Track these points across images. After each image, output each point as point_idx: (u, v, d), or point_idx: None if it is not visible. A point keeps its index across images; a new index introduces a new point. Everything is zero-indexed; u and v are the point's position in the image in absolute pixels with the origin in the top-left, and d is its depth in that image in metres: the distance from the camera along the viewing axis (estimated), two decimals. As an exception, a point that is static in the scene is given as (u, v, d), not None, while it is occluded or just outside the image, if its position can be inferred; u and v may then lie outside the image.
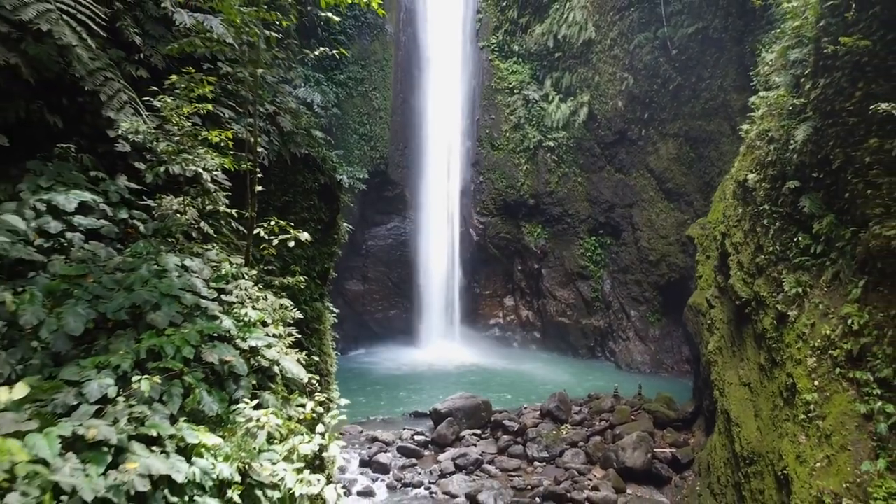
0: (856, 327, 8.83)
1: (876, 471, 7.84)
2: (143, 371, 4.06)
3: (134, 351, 4.13)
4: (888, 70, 8.59)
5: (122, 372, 3.93)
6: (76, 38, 4.96)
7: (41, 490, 3.17)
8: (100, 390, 3.72)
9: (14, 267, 4.63)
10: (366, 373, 23.13)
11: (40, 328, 4.04)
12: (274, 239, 6.05)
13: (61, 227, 5.03)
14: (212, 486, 3.86)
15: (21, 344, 4.02)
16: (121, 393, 3.81)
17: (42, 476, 3.16)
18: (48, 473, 3.18)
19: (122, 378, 3.91)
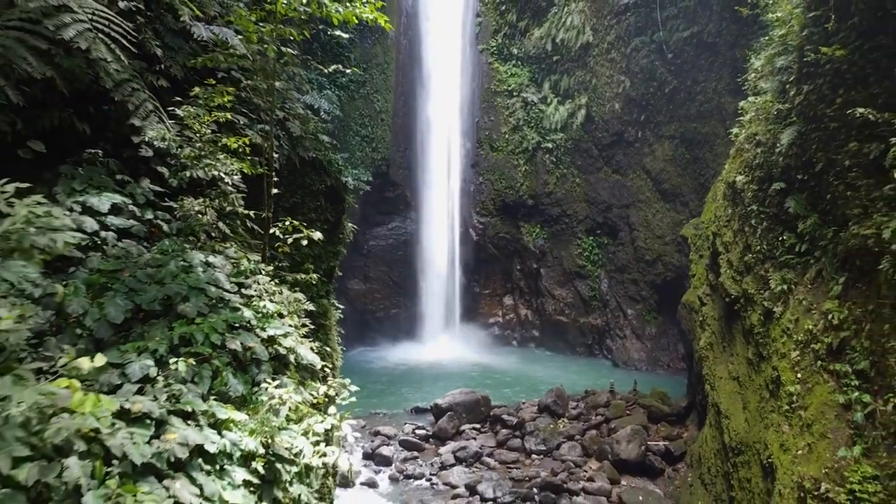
0: (836, 322, 9.28)
1: (852, 456, 8.30)
2: (176, 355, 4.53)
3: (168, 337, 4.61)
4: (866, 78, 9.05)
5: (159, 356, 4.41)
6: (110, 55, 5.43)
7: (94, 455, 3.65)
8: (141, 371, 4.20)
9: (55, 262, 5.11)
10: (368, 370, 23.60)
11: (84, 317, 4.51)
12: (289, 238, 6.54)
13: (96, 227, 5.50)
14: (239, 456, 4.34)
15: (67, 331, 4.49)
16: (159, 374, 4.29)
17: (98, 442, 3.64)
18: (102, 440, 3.66)
19: (159, 361, 4.39)
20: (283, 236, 6.56)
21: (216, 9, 8.15)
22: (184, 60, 7.72)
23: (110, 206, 5.68)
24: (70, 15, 5.26)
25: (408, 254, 28.91)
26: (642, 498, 12.52)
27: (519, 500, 13.04)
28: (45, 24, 5.21)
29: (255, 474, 4.39)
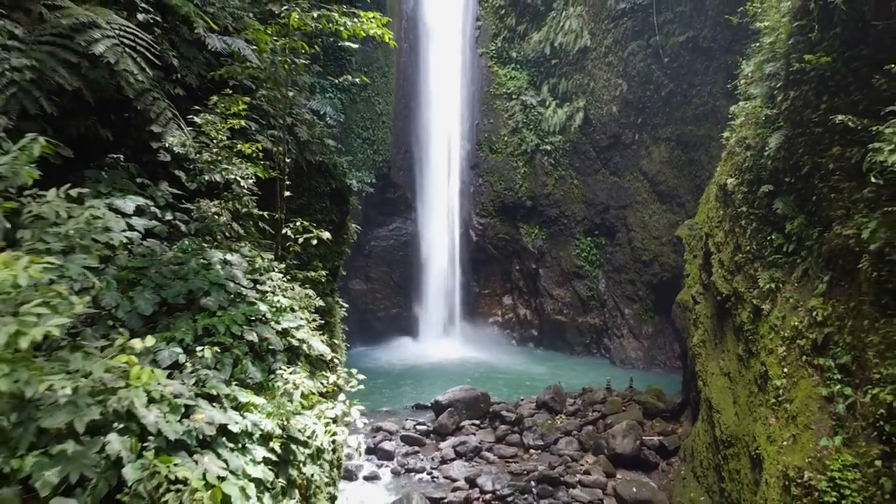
0: (820, 318, 9.69)
1: (833, 446, 8.71)
2: (200, 345, 4.96)
3: (192, 328, 5.03)
4: (847, 85, 9.48)
5: (186, 345, 4.83)
6: (136, 68, 5.84)
7: (132, 432, 4.07)
8: (170, 358, 4.62)
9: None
10: (369, 368, 23.92)
11: (116, 309, 4.93)
12: (300, 237, 6.96)
13: (123, 227, 5.92)
14: (259, 436, 4.76)
15: (101, 322, 4.90)
16: (187, 361, 4.71)
17: (135, 420, 4.05)
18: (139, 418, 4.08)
19: (186, 349, 4.82)
20: (294, 236, 6.98)
21: (228, 20, 8.56)
22: (198, 70, 8.15)
23: (135, 207, 6.09)
24: (99, 31, 5.68)
25: (408, 254, 29.33)
26: (636, 489, 12.93)
27: (517, 492, 13.45)
28: (76, 39, 5.62)
29: (273, 453, 4.81)
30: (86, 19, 5.70)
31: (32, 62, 4.95)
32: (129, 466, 3.90)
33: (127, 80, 6.66)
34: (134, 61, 5.87)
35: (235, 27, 9.08)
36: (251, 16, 9.48)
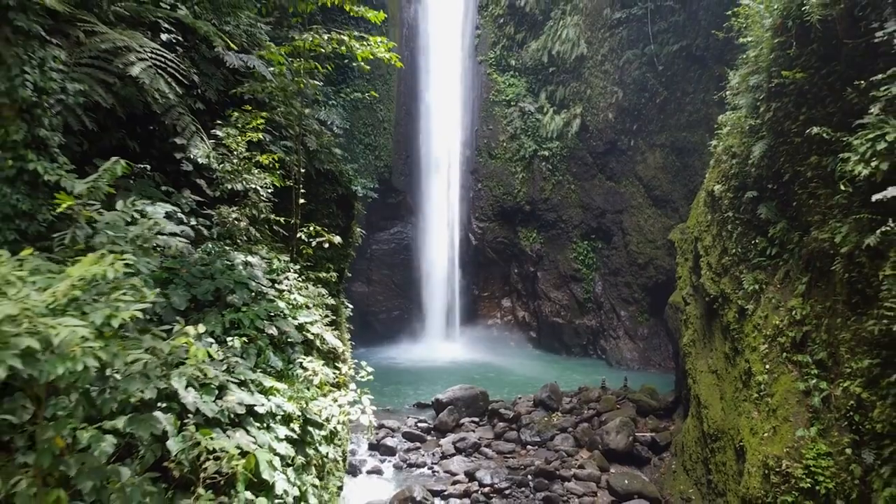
0: (799, 317, 10.30)
1: (809, 436, 9.31)
2: (228, 336, 5.56)
3: (221, 322, 5.63)
4: (823, 98, 10.08)
5: (216, 336, 5.43)
6: (167, 88, 6.46)
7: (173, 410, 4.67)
8: (204, 346, 5.21)
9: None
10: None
11: (154, 305, 5.54)
12: (313, 241, 7.57)
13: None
14: (281, 417, 5.36)
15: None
16: (219, 349, 5.31)
17: (176, 400, 4.66)
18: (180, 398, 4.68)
19: (217, 340, 5.42)
20: (308, 240, 7.59)
21: (244, 39, 9.19)
22: (217, 85, 8.78)
23: (164, 214, 6.69)
24: (134, 54, 6.30)
25: (409, 257, 29.93)
26: (627, 482, 13.50)
27: (514, 485, 14.02)
28: (114, 62, 6.23)
29: (294, 433, 5.41)
30: (121, 43, 6.31)
31: (84, 86, 5.53)
32: (173, 440, 4.50)
33: (154, 97, 7.30)
34: (165, 81, 6.48)
35: (250, 44, 9.72)
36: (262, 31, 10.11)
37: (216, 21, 9.38)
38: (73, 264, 3.21)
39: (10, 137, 4.79)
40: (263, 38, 10.25)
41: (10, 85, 4.78)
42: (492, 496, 13.71)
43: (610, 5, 26.25)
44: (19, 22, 4.88)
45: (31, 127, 4.90)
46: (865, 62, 9.06)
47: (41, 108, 5.01)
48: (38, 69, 4.95)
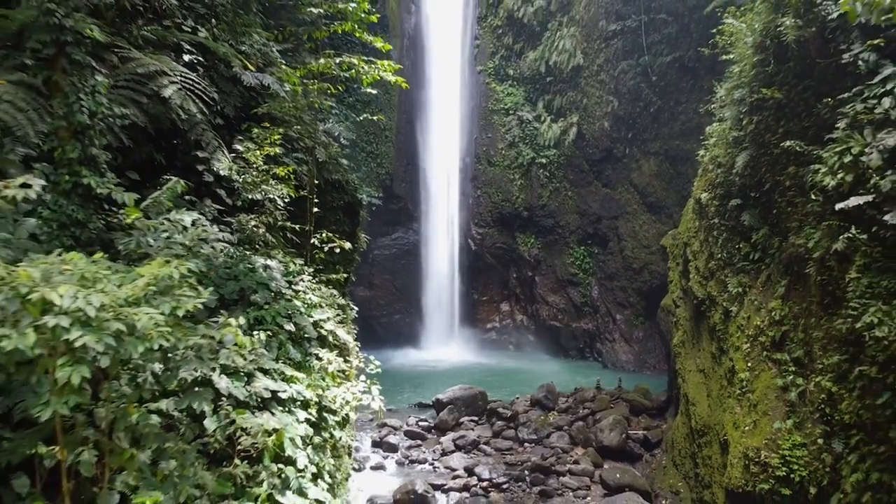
0: (778, 318, 10.97)
1: (786, 428, 9.97)
2: (253, 331, 6.24)
3: (246, 318, 6.31)
4: (800, 113, 10.78)
5: (244, 330, 6.11)
6: (195, 107, 7.15)
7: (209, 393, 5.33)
8: (232, 339, 5.89)
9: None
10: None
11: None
12: (325, 246, 8.26)
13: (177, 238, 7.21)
14: (300, 402, 6.04)
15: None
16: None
17: (210, 384, 5.32)
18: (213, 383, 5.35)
19: (245, 333, 6.09)
20: (320, 244, 8.28)
21: (258, 59, 9.89)
22: (234, 102, 9.49)
23: (191, 221, 7.38)
24: (167, 77, 6.99)
25: (410, 262, 30.63)
26: (619, 476, 14.13)
27: (512, 480, 14.66)
28: (149, 84, 6.93)
29: (312, 416, 6.09)
30: (154, 68, 7.01)
31: (127, 109, 6.23)
32: (209, 419, 5.18)
33: (179, 115, 8.00)
34: (193, 102, 7.17)
35: (265, 63, 10.44)
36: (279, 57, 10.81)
37: (233, 41, 10.09)
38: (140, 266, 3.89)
39: (66, 155, 5.46)
40: (275, 55, 10.94)
41: (68, 110, 5.46)
42: (490, 490, 14.34)
43: (605, 17, 27.00)
44: (76, 56, 5.56)
45: (84, 146, 5.58)
46: (836, 80, 9.77)
47: (93, 129, 5.69)
48: (91, 96, 5.63)
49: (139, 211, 5.19)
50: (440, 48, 31.08)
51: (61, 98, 5.47)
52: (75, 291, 3.20)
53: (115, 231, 5.80)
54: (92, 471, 4.27)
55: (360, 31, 7.79)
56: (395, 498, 13.47)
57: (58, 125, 5.44)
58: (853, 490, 8.48)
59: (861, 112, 8.55)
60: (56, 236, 5.28)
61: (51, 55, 5.42)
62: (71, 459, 4.28)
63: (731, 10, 14.14)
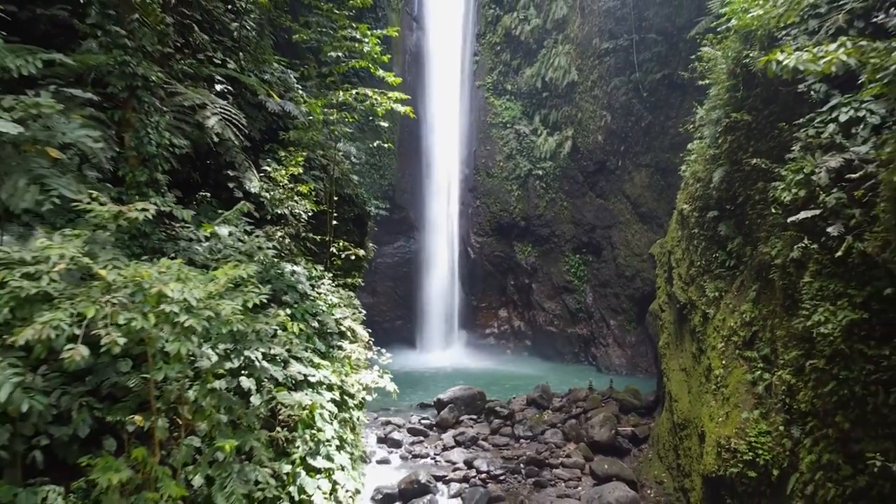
0: (748, 319, 12.08)
1: (753, 418, 11.06)
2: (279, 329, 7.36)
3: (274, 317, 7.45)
4: (766, 135, 11.95)
5: (278, 323, 7.24)
6: (232, 134, 8.32)
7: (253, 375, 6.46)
8: (271, 332, 7.03)
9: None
10: (376, 374, 26.28)
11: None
12: (342, 254, 9.41)
13: (221, 246, 8.36)
14: (326, 385, 7.17)
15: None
16: (278, 333, 7.12)
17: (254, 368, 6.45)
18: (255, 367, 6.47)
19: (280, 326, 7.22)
20: (338, 252, 9.42)
21: (281, 88, 11.07)
22: (259, 126, 10.66)
23: (228, 232, 8.53)
24: (209, 109, 8.16)
25: (411, 270, 31.78)
26: (607, 467, 15.21)
27: (508, 472, 15.75)
28: (195, 116, 8.10)
29: (336, 397, 7.22)
30: (198, 100, 8.18)
31: (181, 140, 7.39)
32: (254, 396, 6.31)
33: (213, 139, 9.16)
34: (231, 130, 8.34)
35: (284, 89, 11.62)
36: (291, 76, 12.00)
37: (256, 71, 11.28)
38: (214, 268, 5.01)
39: (136, 179, 6.59)
40: (293, 82, 12.13)
41: (138, 142, 6.59)
42: (488, 482, 15.42)
43: (598, 36, 28.28)
44: (144, 98, 6.70)
45: (150, 172, 6.71)
46: (795, 107, 10.94)
47: (158, 157, 6.83)
48: (156, 130, 6.77)
49: (213, 226, 6.34)
50: (441, 64, 32.30)
51: (132, 133, 6.62)
52: (181, 287, 4.31)
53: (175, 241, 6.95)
54: (166, 434, 5.40)
55: (374, 67, 8.98)
56: (400, 488, 14.53)
57: (129, 154, 6.58)
58: (808, 470, 9.58)
59: (812, 136, 9.71)
60: (128, 245, 6.42)
61: (124, 97, 6.57)
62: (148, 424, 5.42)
63: (709, 38, 15.34)
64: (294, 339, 7.01)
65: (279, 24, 12.00)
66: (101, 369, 5.68)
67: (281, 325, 6.29)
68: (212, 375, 5.13)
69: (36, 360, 4.20)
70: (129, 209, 4.73)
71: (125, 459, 4.70)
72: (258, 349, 5.74)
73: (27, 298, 4.01)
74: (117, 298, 4.14)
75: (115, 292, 4.17)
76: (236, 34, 10.56)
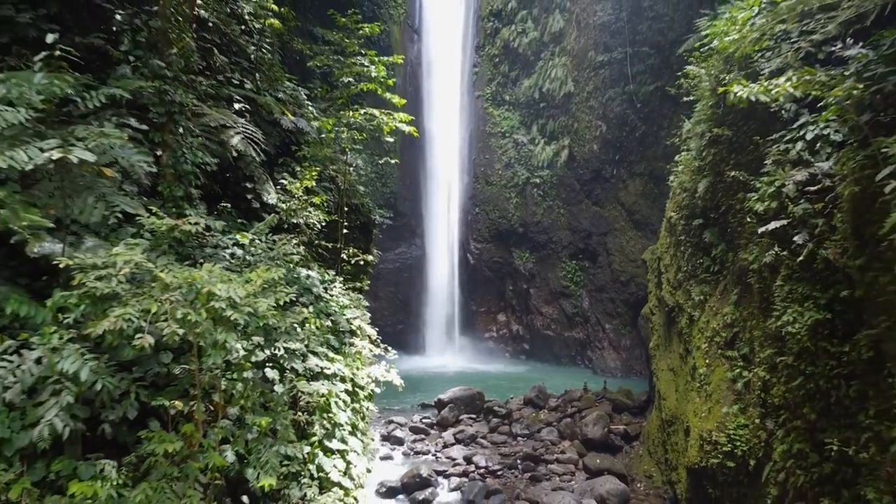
0: (730, 321, 12.91)
1: (732, 412, 11.89)
2: (303, 323, 8.21)
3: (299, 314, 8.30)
4: (744, 149, 12.80)
5: (301, 320, 8.09)
6: (253, 152, 9.18)
7: (277, 367, 7.31)
8: (297, 327, 7.87)
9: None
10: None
11: (253, 303, 8.20)
12: (352, 260, 10.26)
13: (241, 252, 9.20)
14: (340, 377, 8.01)
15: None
16: (298, 330, 7.97)
17: (278, 360, 7.30)
18: (279, 360, 7.32)
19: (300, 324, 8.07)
20: (348, 259, 10.28)
21: (294, 106, 11.95)
22: (274, 142, 11.52)
23: (249, 240, 9.38)
24: (232, 129, 9.03)
25: (413, 276, 32.64)
26: (599, 461, 16.03)
27: (505, 467, 16.55)
28: (220, 135, 8.96)
29: (349, 388, 8.06)
30: (223, 121, 9.05)
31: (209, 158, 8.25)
32: (278, 385, 7.15)
33: (232, 154, 10.02)
34: (252, 147, 9.20)
35: (296, 106, 12.49)
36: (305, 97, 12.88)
37: (271, 90, 12.16)
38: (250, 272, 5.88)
39: (173, 193, 7.44)
40: (303, 98, 13.00)
41: (175, 161, 7.45)
42: (486, 476, 16.22)
43: (594, 49, 29.21)
44: (181, 122, 7.55)
45: (185, 187, 7.56)
46: (770, 123, 11.80)
47: (192, 174, 7.68)
48: (191, 150, 7.62)
49: (247, 235, 7.20)
50: (441, 74, 33.28)
51: (170, 152, 7.48)
52: (226, 287, 5.15)
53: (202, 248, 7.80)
54: (203, 416, 6.24)
55: (382, 90, 9.84)
56: (403, 481, 15.32)
57: (166, 171, 7.43)
58: (780, 459, 10.39)
59: (782, 152, 10.58)
60: (165, 252, 7.27)
61: (163, 121, 7.42)
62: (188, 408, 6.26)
63: (696, 55, 16.23)
64: (312, 335, 7.85)
65: (291, 47, 12.94)
66: (146, 360, 6.53)
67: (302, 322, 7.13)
68: (248, 363, 5.97)
69: (107, 347, 5.03)
70: (184, 223, 5.58)
71: (175, 434, 5.54)
72: (285, 343, 6.58)
73: (100, 297, 4.85)
74: (174, 297, 4.99)
75: (172, 291, 5.02)
76: (253, 56, 11.43)
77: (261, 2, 11.05)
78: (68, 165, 5.02)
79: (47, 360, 4.86)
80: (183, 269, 5.29)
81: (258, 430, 5.72)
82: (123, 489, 5.73)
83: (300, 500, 6.42)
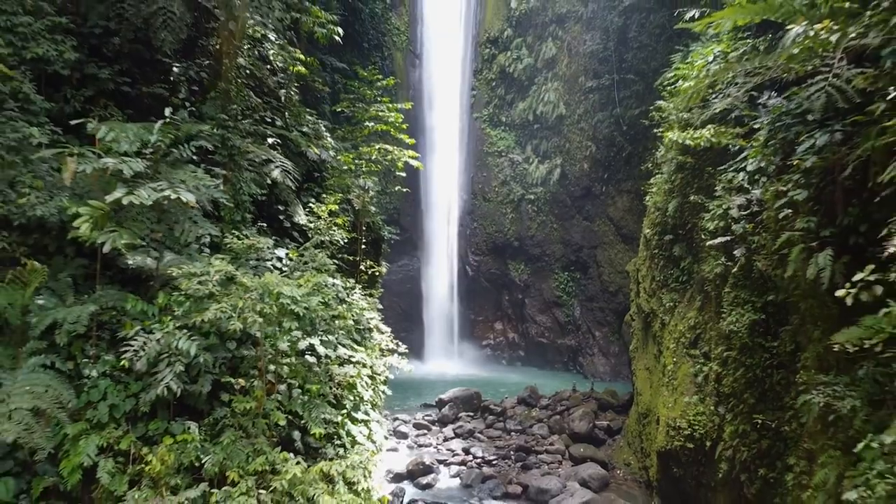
0: (693, 324, 14.87)
1: (692, 402, 13.84)
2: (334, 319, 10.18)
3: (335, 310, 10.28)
4: (703, 175, 14.83)
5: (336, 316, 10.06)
6: (290, 181, 11.19)
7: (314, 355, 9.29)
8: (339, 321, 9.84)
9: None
10: (383, 380, 29.07)
11: (292, 305, 10.19)
12: (368, 271, 12.24)
13: (279, 264, 11.19)
14: (363, 364, 9.97)
15: (285, 311, 10.15)
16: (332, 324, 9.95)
17: (315, 349, 9.28)
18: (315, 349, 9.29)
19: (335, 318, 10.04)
20: (365, 270, 12.27)
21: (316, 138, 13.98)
22: (301, 170, 13.54)
23: (284, 254, 11.37)
24: (273, 164, 11.04)
25: (414, 287, 34.61)
26: (583, 450, 17.96)
27: (500, 458, 18.46)
28: (264, 169, 10.98)
29: (370, 373, 10.03)
30: (266, 157, 11.06)
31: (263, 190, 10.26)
32: (315, 367, 9.12)
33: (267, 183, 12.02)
34: (289, 178, 11.22)
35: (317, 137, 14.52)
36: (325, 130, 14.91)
37: (296, 125, 14.19)
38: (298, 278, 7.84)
39: (233, 218, 9.42)
40: (323, 130, 15.04)
41: (234, 193, 9.43)
42: (482, 465, 18.13)
43: (584, 75, 31.39)
44: (239, 160, 9.55)
45: (242, 213, 9.53)
46: (724, 154, 13.82)
47: (247, 203, 9.67)
48: (246, 184, 9.60)
49: (295, 251, 9.19)
50: (441, 97, 35.37)
51: (230, 186, 9.48)
52: (290, 288, 7.10)
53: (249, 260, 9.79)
54: (263, 390, 8.22)
55: (396, 132, 11.85)
56: (408, 469, 17.23)
57: (228, 202, 9.44)
58: (729, 438, 12.34)
59: (728, 180, 12.61)
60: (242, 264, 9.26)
61: (225, 161, 9.41)
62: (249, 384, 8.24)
63: (668, 90, 18.32)
64: (341, 330, 9.82)
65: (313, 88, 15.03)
66: (217, 347, 8.52)
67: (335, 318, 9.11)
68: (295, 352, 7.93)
69: (205, 334, 7.01)
70: (258, 242, 7.55)
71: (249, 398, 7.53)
72: (322, 335, 8.56)
73: (200, 296, 6.80)
74: (253, 295, 6.94)
75: (251, 292, 6.97)
76: (283, 98, 13.48)
77: (290, 52, 13.09)
78: (174, 201, 7.00)
79: (164, 340, 6.83)
80: (255, 276, 7.27)
81: (310, 395, 7.64)
82: (204, 442, 7.71)
83: (335, 455, 8.36)
